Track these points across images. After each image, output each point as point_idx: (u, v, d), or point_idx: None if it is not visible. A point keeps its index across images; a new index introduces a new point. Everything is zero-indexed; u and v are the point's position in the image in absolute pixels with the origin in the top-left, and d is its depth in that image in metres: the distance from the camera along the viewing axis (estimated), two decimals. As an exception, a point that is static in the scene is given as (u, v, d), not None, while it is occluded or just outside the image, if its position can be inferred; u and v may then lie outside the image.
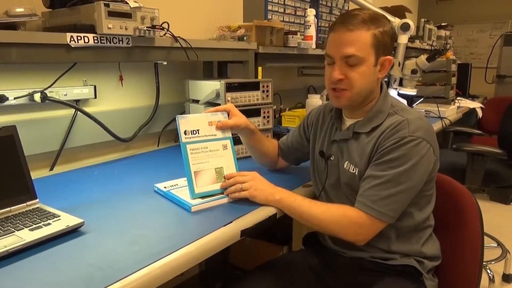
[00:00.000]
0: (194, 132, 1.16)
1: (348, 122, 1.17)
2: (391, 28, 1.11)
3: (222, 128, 1.20)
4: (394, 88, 2.50)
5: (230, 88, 1.54)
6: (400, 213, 1.07)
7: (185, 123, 1.15)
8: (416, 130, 1.04)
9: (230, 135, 1.21)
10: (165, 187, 1.22)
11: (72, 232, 0.92)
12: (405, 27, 2.35)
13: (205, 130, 1.17)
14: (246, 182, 1.10)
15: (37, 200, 1.04)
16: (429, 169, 1.06)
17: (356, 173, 1.11)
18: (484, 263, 1.16)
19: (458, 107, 3.16)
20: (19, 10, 1.17)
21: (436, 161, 1.09)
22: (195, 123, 1.16)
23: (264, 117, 1.65)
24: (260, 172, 1.16)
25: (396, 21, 2.37)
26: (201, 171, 1.13)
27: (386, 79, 1.15)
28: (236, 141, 1.40)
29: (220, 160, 1.17)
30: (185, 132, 1.14)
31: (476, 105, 3.50)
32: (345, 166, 1.14)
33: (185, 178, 1.13)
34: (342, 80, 1.08)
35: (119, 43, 1.32)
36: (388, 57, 1.10)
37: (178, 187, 1.21)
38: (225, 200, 1.12)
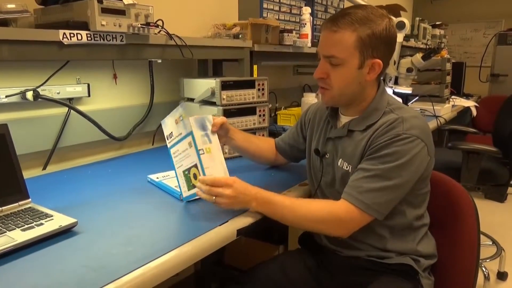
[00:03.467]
0: (170, 135, 1.13)
1: (344, 119, 1.17)
2: (387, 29, 1.05)
3: (216, 127, 1.13)
4: (389, 87, 2.50)
5: (225, 86, 1.53)
6: (390, 210, 1.06)
7: (165, 127, 1.14)
8: (411, 128, 1.03)
9: (191, 130, 1.07)
10: (157, 178, 1.24)
11: (65, 232, 0.91)
12: (400, 26, 2.35)
13: (175, 130, 1.12)
14: (220, 197, 1.00)
15: (30, 199, 1.03)
16: (421, 168, 1.05)
17: (350, 170, 1.10)
18: (479, 261, 1.16)
19: (453, 105, 3.18)
20: (11, 6, 1.15)
21: (430, 161, 1.08)
22: (169, 126, 1.14)
23: (259, 115, 1.64)
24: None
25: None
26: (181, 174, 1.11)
27: (382, 78, 1.14)
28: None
29: (188, 160, 1.08)
30: (167, 137, 1.14)
31: (470, 103, 3.51)
32: (339, 163, 1.14)
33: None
34: (324, 79, 1.10)
35: (112, 40, 1.30)
36: (377, 60, 1.06)
37: (170, 177, 1.21)
38: None
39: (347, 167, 1.11)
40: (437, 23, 4.44)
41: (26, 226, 0.90)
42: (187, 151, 1.08)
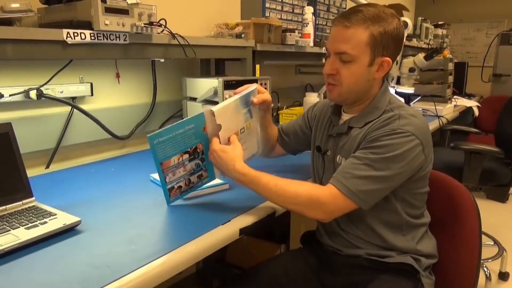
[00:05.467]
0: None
1: (345, 117, 1.18)
2: (397, 29, 1.07)
3: (258, 101, 1.18)
4: (391, 87, 2.50)
5: (228, 85, 1.53)
6: (385, 207, 1.07)
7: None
8: (407, 124, 1.03)
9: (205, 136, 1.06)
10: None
11: (68, 231, 0.91)
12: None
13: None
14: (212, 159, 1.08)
15: (33, 198, 1.03)
16: (414, 165, 1.04)
17: None
18: (481, 261, 1.16)
19: (455, 105, 3.17)
20: (15, 5, 1.15)
21: (427, 162, 1.07)
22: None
23: (262, 115, 1.64)
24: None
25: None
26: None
27: (386, 77, 1.16)
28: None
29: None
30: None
31: (472, 103, 3.51)
32: (337, 159, 1.15)
33: None
34: (334, 76, 1.10)
35: (116, 39, 1.31)
36: (387, 58, 1.07)
37: None
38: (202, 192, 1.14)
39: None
40: (440, 22, 4.44)
41: (30, 224, 0.90)
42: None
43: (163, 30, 1.42)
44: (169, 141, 1.00)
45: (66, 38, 1.19)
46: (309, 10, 2.21)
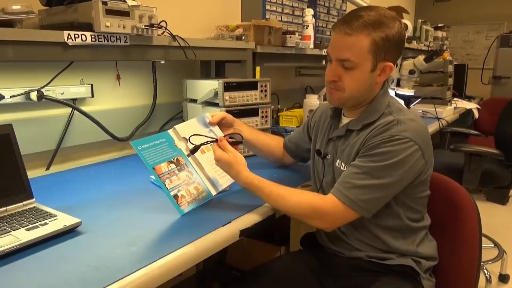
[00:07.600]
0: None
1: (345, 120, 1.18)
2: (399, 32, 1.06)
3: (216, 119, 1.22)
4: (391, 89, 2.51)
5: (228, 87, 1.53)
6: (385, 211, 1.07)
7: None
8: (405, 130, 1.03)
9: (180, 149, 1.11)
10: None
11: (69, 232, 0.92)
12: (402, 28, 2.36)
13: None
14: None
15: (34, 199, 1.03)
16: (414, 171, 1.04)
17: None
18: (481, 263, 1.16)
19: (455, 107, 3.18)
20: (16, 7, 1.15)
21: (426, 165, 1.07)
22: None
23: (262, 117, 1.65)
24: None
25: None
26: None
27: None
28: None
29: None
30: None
31: (472, 106, 3.51)
32: (337, 164, 1.15)
33: None
34: (336, 82, 1.09)
35: (116, 41, 1.31)
36: (389, 63, 1.07)
37: None
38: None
39: (344, 168, 1.12)
40: (440, 25, 4.44)
41: (30, 225, 0.90)
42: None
43: (164, 32, 1.42)
44: (151, 149, 1.05)
45: (67, 40, 1.20)
46: (309, 12, 2.22)
